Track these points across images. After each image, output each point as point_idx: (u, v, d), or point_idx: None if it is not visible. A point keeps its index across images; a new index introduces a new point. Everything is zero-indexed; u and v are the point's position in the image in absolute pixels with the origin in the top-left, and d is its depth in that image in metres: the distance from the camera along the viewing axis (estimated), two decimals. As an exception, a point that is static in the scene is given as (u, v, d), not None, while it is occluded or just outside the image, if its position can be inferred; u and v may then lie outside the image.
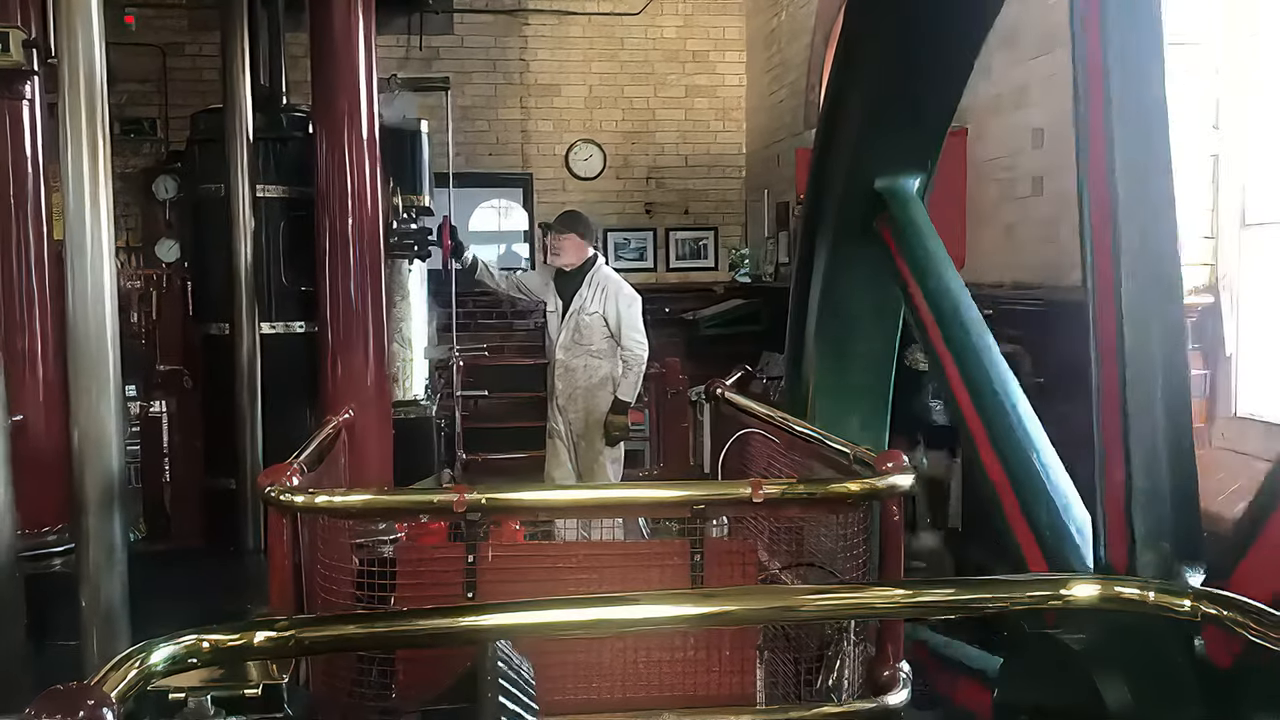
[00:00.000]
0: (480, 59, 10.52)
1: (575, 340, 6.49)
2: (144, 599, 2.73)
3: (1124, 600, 1.68)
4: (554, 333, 6.64)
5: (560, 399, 6.60)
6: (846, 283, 3.93)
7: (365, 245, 4.60)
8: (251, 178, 4.85)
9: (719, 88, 10.96)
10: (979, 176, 6.06)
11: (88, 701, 1.19)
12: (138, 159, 9.59)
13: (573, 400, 6.55)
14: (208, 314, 5.11)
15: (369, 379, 4.61)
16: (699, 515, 2.67)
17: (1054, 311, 5.04)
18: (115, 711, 1.21)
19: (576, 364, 6.51)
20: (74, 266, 2.74)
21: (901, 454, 2.67)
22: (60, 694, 1.19)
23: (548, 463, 6.75)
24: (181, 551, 5.00)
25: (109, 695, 1.24)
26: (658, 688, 2.57)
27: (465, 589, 2.50)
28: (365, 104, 4.58)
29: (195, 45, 9.80)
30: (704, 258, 11.01)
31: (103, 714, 1.19)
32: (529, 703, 1.63)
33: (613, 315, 6.43)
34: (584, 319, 6.45)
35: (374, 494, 2.86)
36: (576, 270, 6.52)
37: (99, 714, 1.18)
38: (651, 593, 2.15)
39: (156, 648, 1.42)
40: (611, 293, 6.47)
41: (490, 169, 10.46)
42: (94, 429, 2.73)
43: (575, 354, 6.50)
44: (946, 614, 2.89)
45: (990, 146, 5.94)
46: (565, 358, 6.54)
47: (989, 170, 5.95)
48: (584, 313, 6.45)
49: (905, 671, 2.69)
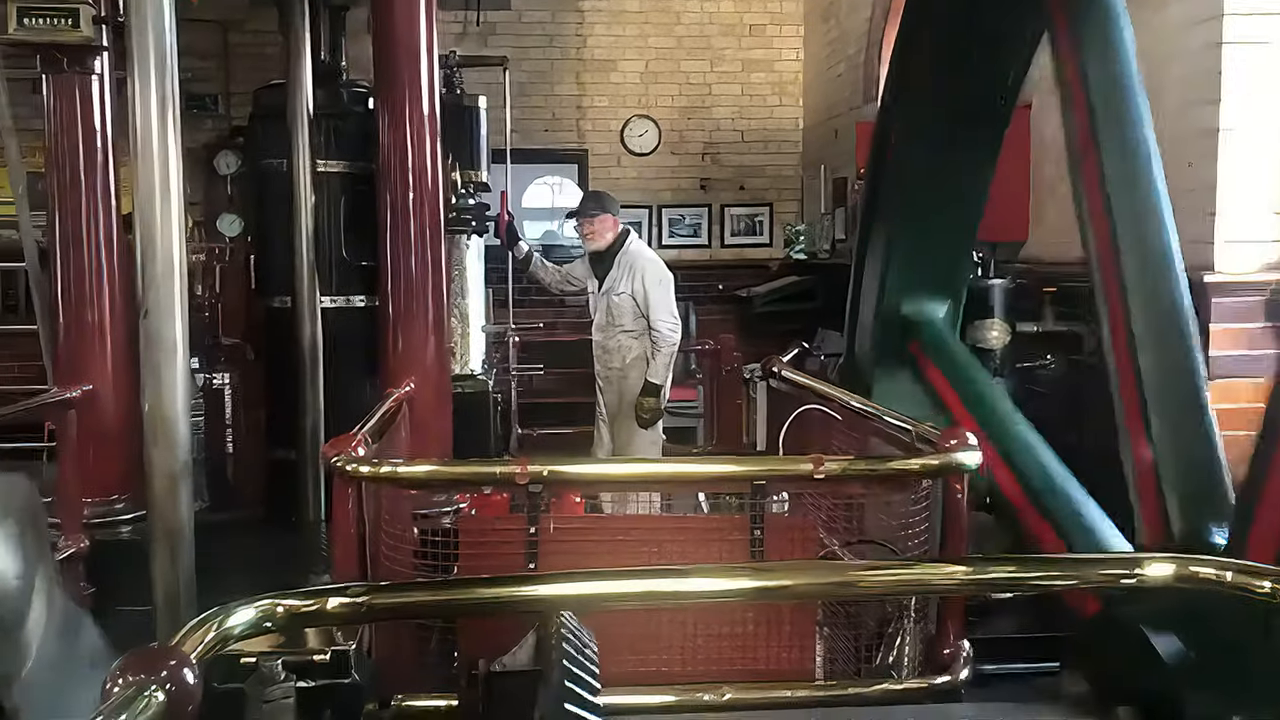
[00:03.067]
0: (537, 35, 10.51)
1: (609, 321, 6.50)
2: (206, 568, 2.77)
3: (1200, 580, 1.65)
4: (592, 313, 6.67)
5: (599, 380, 6.64)
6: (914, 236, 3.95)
7: (425, 220, 4.63)
8: (312, 153, 4.89)
9: (776, 62, 10.86)
10: (1043, 152, 5.96)
11: (170, 662, 1.22)
12: (199, 134, 9.70)
13: (609, 381, 6.58)
14: (270, 288, 5.17)
15: (429, 353, 4.65)
16: (759, 491, 2.66)
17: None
18: (195, 671, 1.24)
19: (611, 344, 6.53)
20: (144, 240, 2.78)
21: (965, 430, 2.64)
22: (143, 655, 1.22)
23: (594, 442, 6.79)
24: (243, 521, 5.09)
25: (189, 656, 1.27)
26: (717, 662, 2.58)
27: (526, 560, 2.52)
28: (426, 80, 4.60)
29: (256, 21, 9.88)
30: (759, 234, 10.93)
31: (184, 674, 1.21)
32: (594, 671, 1.64)
33: (640, 295, 6.39)
34: (614, 299, 6.44)
35: (438, 465, 2.89)
36: (608, 250, 6.50)
37: (180, 674, 1.21)
38: (709, 566, 2.15)
39: (234, 611, 1.45)
40: (639, 272, 6.43)
41: (546, 145, 10.46)
42: (163, 400, 2.77)
43: (609, 334, 6.52)
44: (1009, 592, 2.87)
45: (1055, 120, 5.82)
46: (601, 338, 6.57)
47: (1054, 145, 5.84)
48: (613, 293, 6.45)
49: (966, 650, 2.67)
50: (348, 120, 5.10)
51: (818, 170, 10.17)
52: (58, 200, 4.57)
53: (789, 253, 10.60)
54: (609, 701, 1.68)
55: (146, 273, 2.77)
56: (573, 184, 10.72)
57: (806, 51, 10.81)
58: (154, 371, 2.76)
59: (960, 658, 2.63)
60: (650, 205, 10.75)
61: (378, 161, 4.68)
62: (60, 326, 4.66)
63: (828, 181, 9.87)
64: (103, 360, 4.62)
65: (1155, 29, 4.94)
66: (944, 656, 2.62)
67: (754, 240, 10.94)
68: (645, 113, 10.70)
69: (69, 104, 4.51)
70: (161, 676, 1.19)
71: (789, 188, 10.95)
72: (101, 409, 4.51)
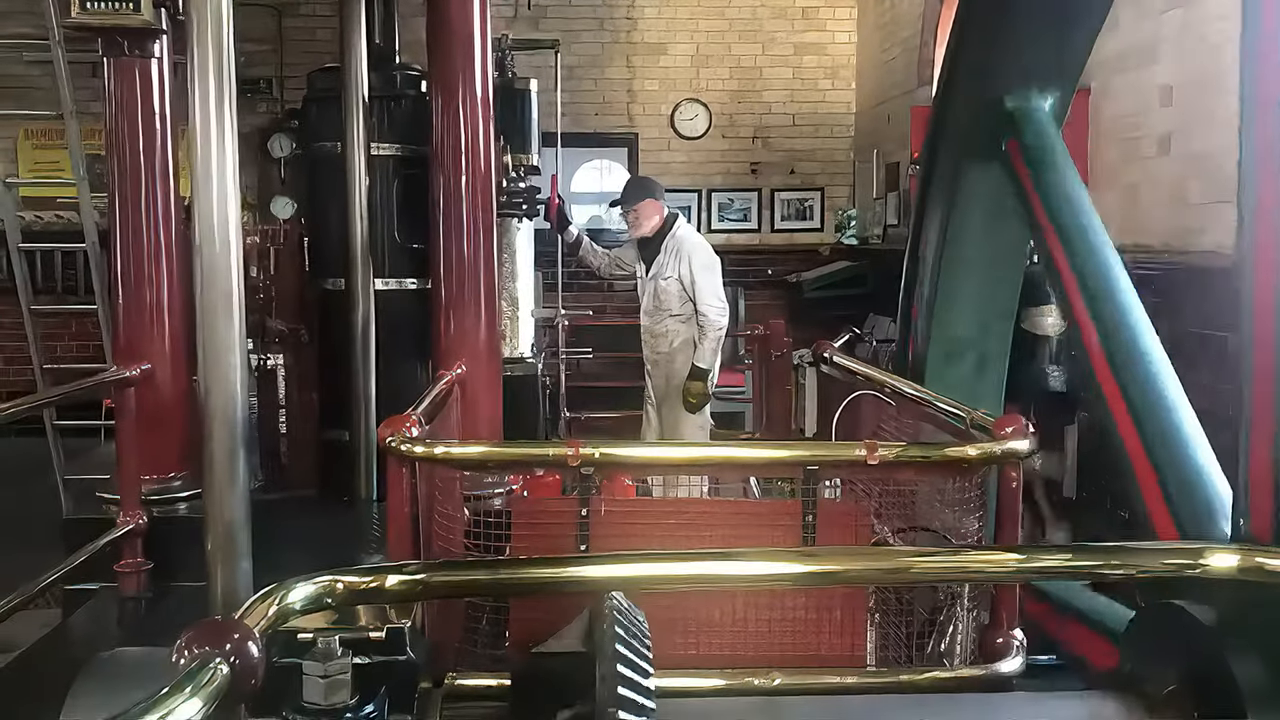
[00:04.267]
0: (588, 18, 10.51)
1: (656, 305, 6.50)
2: (261, 546, 2.81)
3: (1266, 572, 1.62)
4: (640, 298, 6.67)
5: (647, 364, 6.65)
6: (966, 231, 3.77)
7: (478, 203, 4.65)
8: (366, 136, 4.93)
9: (828, 45, 10.78)
10: (1101, 136, 5.86)
11: (234, 635, 1.24)
12: (253, 117, 9.82)
13: (656, 365, 6.58)
14: (324, 270, 5.23)
15: (480, 335, 4.67)
16: (811, 476, 2.65)
17: (1178, 276, 4.87)
18: (259, 645, 1.26)
19: (658, 329, 6.53)
20: (201, 222, 2.81)
21: (1021, 418, 2.61)
22: (209, 627, 1.24)
23: (642, 426, 6.80)
24: (296, 500, 5.15)
25: (253, 630, 1.29)
26: (767, 646, 2.57)
27: (578, 542, 2.52)
28: (479, 63, 4.60)
29: (310, 5, 9.98)
30: (809, 219, 10.88)
31: (248, 647, 1.23)
32: (646, 653, 1.64)
33: (687, 279, 6.37)
34: (661, 284, 6.44)
35: (491, 446, 2.90)
36: (655, 235, 6.49)
37: (245, 647, 1.23)
38: (760, 550, 2.14)
39: (294, 587, 1.47)
40: (686, 256, 6.41)
41: (596, 128, 10.47)
42: (219, 380, 2.81)
43: (657, 319, 6.52)
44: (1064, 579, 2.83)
45: (1115, 105, 5.73)
46: (649, 323, 6.57)
47: (1113, 129, 5.75)
48: (660, 277, 6.44)
49: (1019, 639, 2.64)
50: (401, 103, 5.14)
51: (870, 155, 10.09)
52: (117, 182, 4.64)
53: (839, 238, 10.53)
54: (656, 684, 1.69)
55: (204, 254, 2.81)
56: (622, 168, 10.72)
57: (859, 35, 10.70)
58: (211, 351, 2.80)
59: (1013, 647, 2.60)
60: (700, 189, 10.72)
61: (430, 145, 4.70)
62: (119, 307, 4.73)
63: (880, 166, 9.79)
64: (161, 340, 4.69)
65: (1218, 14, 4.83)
66: (996, 646, 2.60)
67: (804, 225, 10.88)
68: (696, 96, 10.67)
69: (129, 87, 4.57)
70: (226, 649, 1.21)
71: (840, 172, 10.87)
72: (159, 388, 4.58)
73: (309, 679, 1.66)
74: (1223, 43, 4.74)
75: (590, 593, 1.76)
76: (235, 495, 2.84)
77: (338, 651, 1.69)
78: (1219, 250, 4.74)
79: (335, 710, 1.66)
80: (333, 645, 1.69)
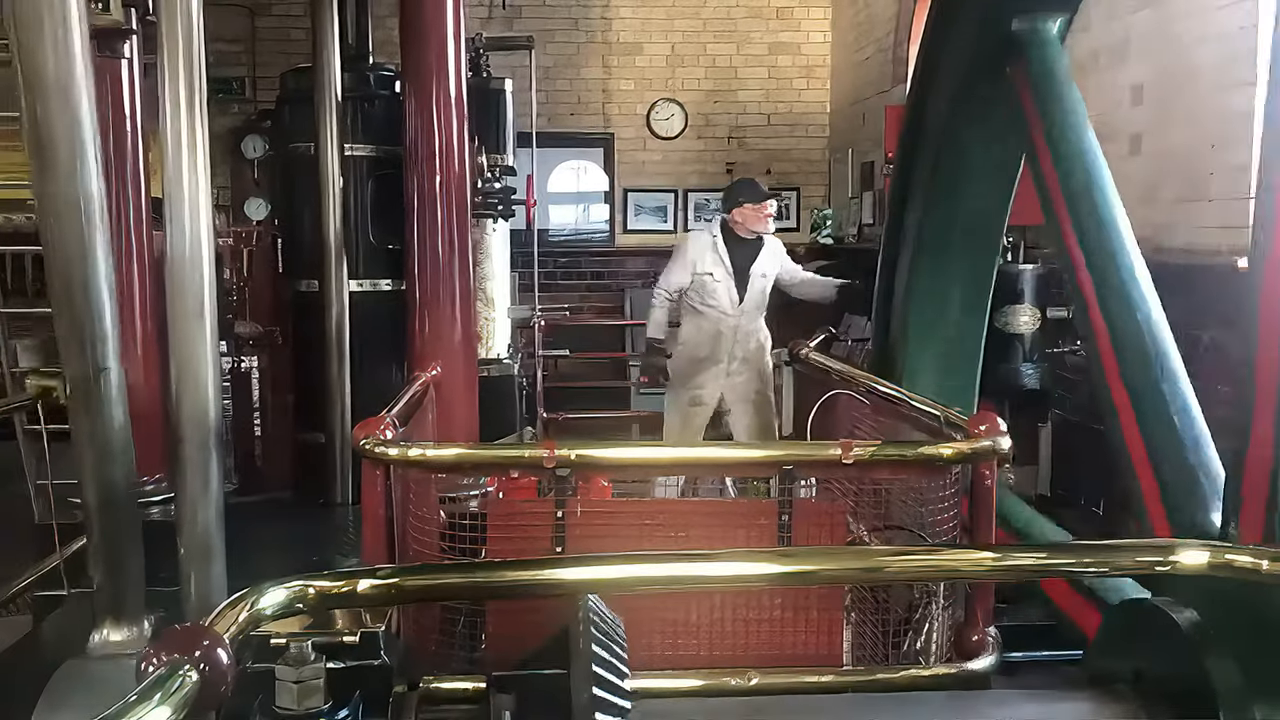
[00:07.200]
0: (563, 17, 10.50)
1: (755, 304, 6.61)
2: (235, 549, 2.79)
3: (1235, 569, 1.63)
4: (724, 301, 6.60)
5: (724, 363, 6.61)
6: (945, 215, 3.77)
7: (452, 204, 4.62)
8: (340, 136, 4.89)
9: (803, 45, 10.81)
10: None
11: (203, 641, 1.22)
12: (226, 118, 9.76)
13: (745, 362, 6.62)
14: (297, 271, 5.18)
15: (455, 336, 4.65)
16: (786, 476, 2.65)
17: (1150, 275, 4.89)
18: (229, 651, 1.24)
19: (751, 327, 6.63)
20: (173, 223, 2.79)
21: (995, 415, 2.62)
22: (177, 634, 1.23)
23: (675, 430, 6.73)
24: (271, 503, 5.11)
25: (222, 636, 1.28)
26: (744, 646, 2.57)
27: (554, 544, 2.52)
28: (453, 62, 4.58)
29: (282, 5, 9.92)
30: (786, 219, 10.89)
31: (217, 654, 1.22)
32: (622, 655, 1.64)
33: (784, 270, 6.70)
34: (761, 280, 6.58)
35: (466, 448, 2.89)
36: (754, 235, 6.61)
37: (214, 654, 1.21)
38: (737, 550, 2.15)
39: (266, 592, 1.46)
40: (776, 252, 6.68)
41: (572, 129, 10.46)
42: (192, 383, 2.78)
43: (752, 317, 6.62)
44: (1038, 578, 2.85)
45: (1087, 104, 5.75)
46: (743, 322, 6.60)
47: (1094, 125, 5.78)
48: (760, 274, 6.57)
49: (993, 636, 2.66)
50: (375, 104, 5.10)
51: (845, 154, 10.12)
52: (88, 184, 4.59)
53: (815, 237, 10.55)
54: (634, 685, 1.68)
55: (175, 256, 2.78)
56: (598, 167, 10.71)
57: (834, 34, 10.74)
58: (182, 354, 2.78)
59: (988, 644, 2.62)
60: (676, 189, 10.73)
61: (404, 145, 4.67)
62: (91, 309, 4.68)
63: (855, 165, 9.83)
64: (132, 343, 4.64)
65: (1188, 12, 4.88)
66: (972, 643, 2.62)
67: (781, 225, 10.87)
68: (671, 96, 10.68)
69: (98, 88, 4.50)
70: (195, 656, 1.20)
71: (816, 172, 10.91)
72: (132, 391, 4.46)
73: (282, 684, 1.65)
74: (1193, 42, 4.79)
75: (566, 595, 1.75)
76: (209, 499, 2.80)
77: (311, 656, 1.67)
78: (1190, 249, 4.78)
79: (309, 715, 1.65)
80: (306, 650, 1.68)
